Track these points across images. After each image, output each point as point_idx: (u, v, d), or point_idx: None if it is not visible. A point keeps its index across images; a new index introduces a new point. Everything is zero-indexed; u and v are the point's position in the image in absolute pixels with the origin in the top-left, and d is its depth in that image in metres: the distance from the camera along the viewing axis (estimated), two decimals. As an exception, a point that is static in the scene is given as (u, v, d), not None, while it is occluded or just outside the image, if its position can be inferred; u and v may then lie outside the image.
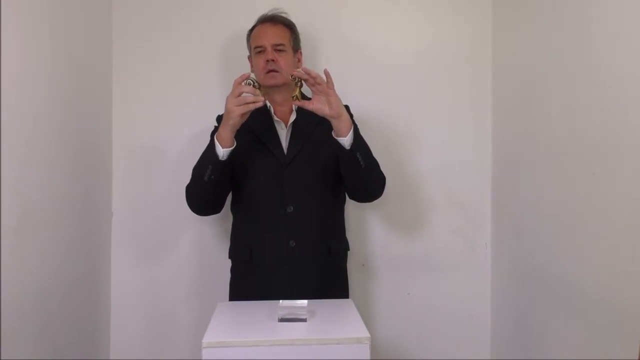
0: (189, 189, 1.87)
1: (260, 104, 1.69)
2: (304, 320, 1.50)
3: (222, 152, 1.73)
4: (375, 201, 1.99)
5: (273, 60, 1.89)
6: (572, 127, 1.71)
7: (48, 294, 1.72)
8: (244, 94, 1.69)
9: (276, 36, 1.92)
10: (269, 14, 1.97)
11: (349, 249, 2.04)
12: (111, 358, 2.24)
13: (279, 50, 1.91)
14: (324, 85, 1.70)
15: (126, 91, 2.24)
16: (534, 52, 1.97)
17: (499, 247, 2.28)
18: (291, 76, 1.76)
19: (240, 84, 1.70)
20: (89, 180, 2.06)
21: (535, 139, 1.95)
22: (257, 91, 1.70)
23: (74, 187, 1.91)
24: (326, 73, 1.71)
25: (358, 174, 1.80)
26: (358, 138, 1.77)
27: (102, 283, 2.19)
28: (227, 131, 1.72)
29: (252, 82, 1.72)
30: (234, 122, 1.70)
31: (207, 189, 1.80)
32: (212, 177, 1.76)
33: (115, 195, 2.25)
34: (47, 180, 1.72)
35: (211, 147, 1.76)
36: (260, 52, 1.92)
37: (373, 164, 1.84)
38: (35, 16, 1.65)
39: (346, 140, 1.73)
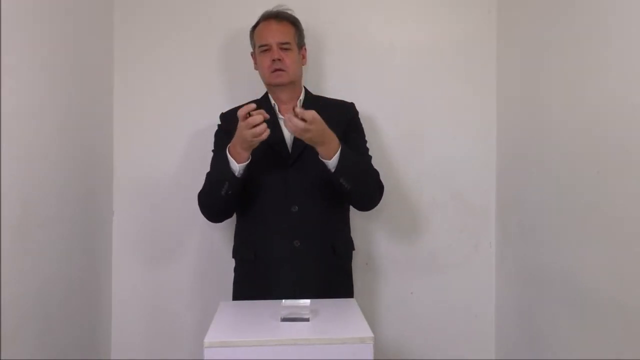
0: (204, 201, 1.86)
1: (266, 136, 1.66)
2: (307, 320, 1.49)
3: (237, 168, 1.72)
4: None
5: (279, 60, 1.87)
6: (577, 125, 1.70)
7: (48, 294, 1.71)
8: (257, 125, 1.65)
9: (281, 34, 1.90)
10: (273, 10, 1.95)
11: (354, 249, 2.03)
12: (112, 358, 2.23)
13: (285, 49, 1.89)
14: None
15: (127, 89, 2.23)
16: (538, 50, 1.95)
17: (503, 246, 2.26)
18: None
19: (246, 116, 1.66)
20: (90, 179, 2.05)
21: (540, 137, 1.94)
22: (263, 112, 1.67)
23: (75, 186, 1.91)
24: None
25: (344, 194, 1.80)
26: (344, 161, 1.72)
27: (103, 282, 2.18)
28: (245, 151, 1.71)
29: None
30: (252, 146, 1.70)
31: (224, 203, 1.81)
32: (230, 192, 1.75)
33: (116, 194, 2.23)
34: (48, 179, 1.71)
35: (225, 162, 1.73)
36: (265, 50, 1.90)
37: (361, 184, 1.80)
38: (36, 15, 1.64)
39: (330, 163, 1.72)
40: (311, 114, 1.64)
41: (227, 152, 1.73)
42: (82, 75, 1.97)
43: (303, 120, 1.63)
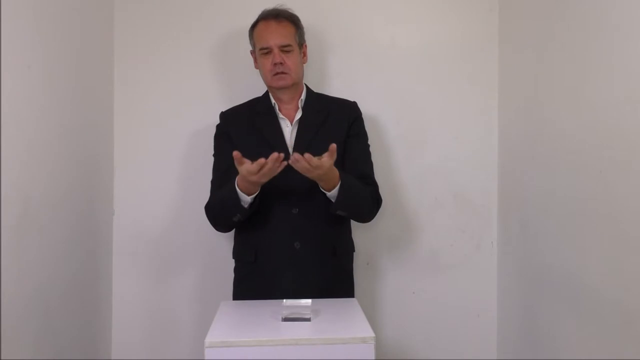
0: (213, 219, 1.88)
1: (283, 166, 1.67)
2: (308, 319, 1.48)
3: (249, 199, 1.74)
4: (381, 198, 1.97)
5: (281, 63, 1.86)
6: (580, 124, 1.69)
7: (49, 294, 1.71)
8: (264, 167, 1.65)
9: (282, 36, 1.87)
10: (272, 9, 1.92)
11: (354, 250, 2.02)
12: (113, 358, 2.23)
13: (286, 51, 1.87)
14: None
15: (128, 88, 2.23)
16: (541, 48, 1.95)
17: (505, 245, 2.25)
18: None
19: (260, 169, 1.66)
20: (90, 178, 2.05)
21: (543, 137, 1.93)
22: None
23: (75, 186, 1.90)
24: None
25: (342, 217, 1.87)
26: (341, 198, 1.75)
27: (104, 282, 2.18)
28: (256, 187, 1.72)
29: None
30: (264, 182, 1.71)
31: (235, 224, 1.86)
32: (242, 218, 1.79)
33: (116, 193, 2.23)
34: (48, 179, 1.70)
35: (234, 195, 1.73)
36: (266, 53, 1.88)
37: (357, 211, 1.87)
38: (36, 16, 1.63)
39: (329, 194, 1.75)
40: (317, 162, 1.64)
41: (236, 186, 1.72)
42: (83, 75, 1.97)
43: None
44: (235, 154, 1.66)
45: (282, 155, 1.65)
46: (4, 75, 1.43)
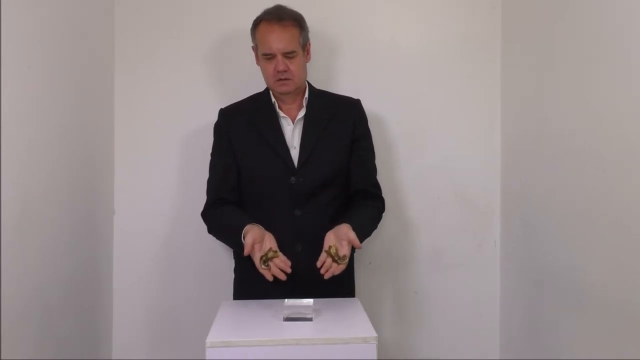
0: (216, 235, 1.91)
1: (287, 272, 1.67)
2: (310, 319, 1.48)
3: None
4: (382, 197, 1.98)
5: (285, 70, 1.82)
6: (583, 123, 1.69)
7: (49, 293, 1.70)
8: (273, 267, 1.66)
9: (286, 42, 1.81)
10: (276, 9, 1.87)
11: (354, 251, 2.01)
12: (113, 358, 2.22)
13: (290, 57, 1.82)
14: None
15: (128, 88, 2.22)
16: (543, 46, 1.94)
17: (508, 245, 2.25)
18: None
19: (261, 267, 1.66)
20: (91, 178, 2.04)
21: (545, 136, 1.92)
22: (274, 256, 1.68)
23: (75, 185, 1.90)
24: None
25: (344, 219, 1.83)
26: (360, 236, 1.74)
27: (104, 282, 2.17)
28: None
29: (266, 259, 1.67)
30: None
31: None
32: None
33: (117, 193, 2.22)
34: (48, 178, 1.70)
35: (239, 238, 1.70)
36: (269, 58, 1.83)
37: (367, 234, 1.85)
38: (36, 14, 1.63)
39: None
40: (343, 252, 1.67)
41: (242, 237, 1.69)
42: (83, 74, 1.96)
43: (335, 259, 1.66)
44: (247, 250, 1.65)
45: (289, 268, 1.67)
46: (4, 75, 1.42)
